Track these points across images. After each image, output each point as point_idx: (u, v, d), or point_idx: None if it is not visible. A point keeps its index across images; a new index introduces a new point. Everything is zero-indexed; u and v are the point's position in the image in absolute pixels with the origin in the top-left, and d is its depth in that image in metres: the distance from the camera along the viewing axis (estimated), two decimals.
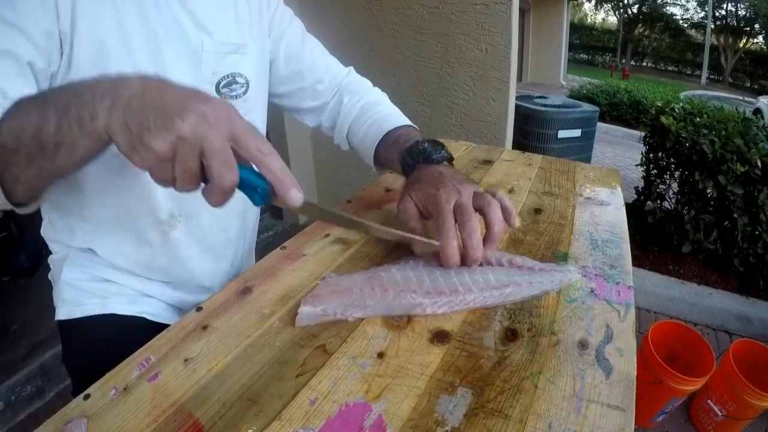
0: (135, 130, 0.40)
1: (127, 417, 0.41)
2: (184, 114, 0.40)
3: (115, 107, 0.41)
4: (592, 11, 33.86)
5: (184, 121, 0.40)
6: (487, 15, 1.95)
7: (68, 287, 0.75)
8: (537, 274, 0.60)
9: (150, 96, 0.41)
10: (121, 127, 0.41)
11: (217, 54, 0.72)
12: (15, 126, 0.44)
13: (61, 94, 0.45)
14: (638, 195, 2.90)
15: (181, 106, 0.41)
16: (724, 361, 1.58)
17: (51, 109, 0.43)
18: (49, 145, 0.44)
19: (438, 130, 2.27)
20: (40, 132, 0.43)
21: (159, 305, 0.80)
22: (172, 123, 0.40)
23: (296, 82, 0.90)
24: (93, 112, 0.42)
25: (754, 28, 22.60)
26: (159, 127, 0.39)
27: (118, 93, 0.42)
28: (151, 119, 0.40)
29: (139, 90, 0.42)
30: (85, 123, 0.42)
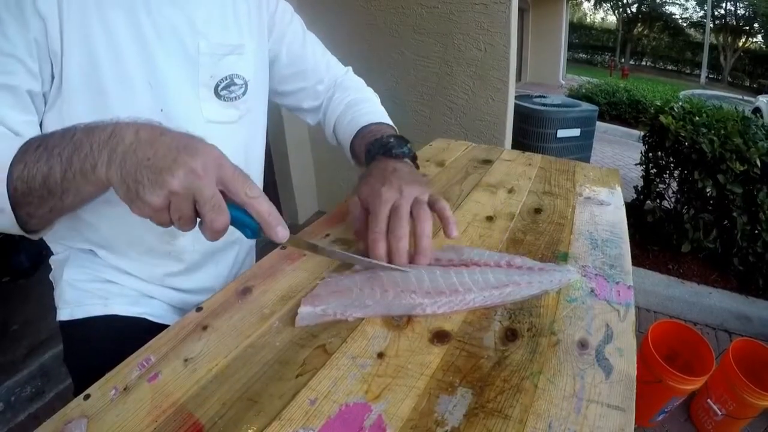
0: (132, 186, 0.44)
1: (127, 417, 0.41)
2: (174, 170, 0.44)
3: (112, 162, 0.46)
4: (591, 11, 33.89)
5: (174, 177, 0.44)
6: (486, 15, 1.95)
7: (70, 288, 0.75)
8: (537, 274, 0.60)
9: (142, 151, 0.45)
10: (119, 181, 0.45)
11: (214, 56, 0.71)
12: (25, 175, 0.48)
13: (63, 144, 0.48)
14: (637, 194, 2.90)
15: (172, 162, 0.44)
16: (724, 360, 1.58)
17: (56, 160, 0.48)
18: (58, 191, 0.49)
19: (437, 130, 2.27)
20: (47, 180, 0.48)
21: (160, 306, 0.80)
22: (163, 180, 0.44)
23: (298, 81, 0.90)
24: (93, 164, 0.46)
25: (753, 27, 22.62)
26: (153, 183, 0.44)
27: (114, 147, 0.46)
28: (145, 176, 0.44)
29: (133, 144, 0.46)
30: (87, 174, 0.47)
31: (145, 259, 0.76)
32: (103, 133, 0.47)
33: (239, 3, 0.75)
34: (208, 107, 0.71)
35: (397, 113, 2.39)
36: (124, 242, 0.74)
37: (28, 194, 0.49)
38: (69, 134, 0.49)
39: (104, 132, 0.47)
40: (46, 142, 0.49)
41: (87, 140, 0.47)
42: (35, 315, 1.98)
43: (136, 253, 0.75)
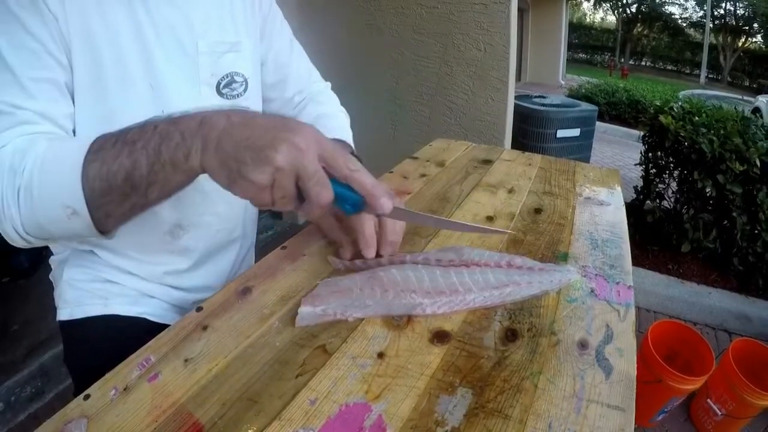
0: (234, 167, 0.44)
1: (127, 417, 0.41)
2: (277, 146, 0.44)
3: (207, 147, 0.46)
4: (590, 11, 33.89)
5: (279, 153, 0.44)
6: (486, 15, 1.95)
7: (69, 288, 0.75)
8: (537, 274, 0.60)
9: (239, 133, 0.45)
10: (218, 165, 0.45)
11: (213, 55, 0.71)
12: (104, 172, 0.48)
13: (146, 137, 0.48)
14: (637, 194, 2.90)
15: (272, 138, 0.44)
16: (724, 360, 1.58)
17: (141, 153, 0.47)
18: (142, 185, 0.48)
19: (437, 130, 2.27)
20: (132, 174, 0.47)
21: (160, 306, 0.80)
22: (267, 156, 0.43)
23: (279, 91, 0.90)
24: (186, 153, 0.46)
25: (752, 27, 22.62)
26: (256, 161, 0.44)
27: (207, 133, 0.46)
28: (247, 155, 0.44)
29: (227, 128, 0.46)
30: (179, 163, 0.47)
31: (145, 258, 0.76)
32: (191, 122, 0.47)
33: (236, 1, 0.75)
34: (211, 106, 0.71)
35: (396, 113, 2.41)
36: (125, 241, 0.73)
37: (108, 193, 0.48)
38: (149, 127, 0.48)
39: (192, 120, 0.47)
40: (123, 137, 0.49)
41: (175, 130, 0.47)
42: (35, 315, 1.98)
43: (137, 252, 0.75)
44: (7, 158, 0.50)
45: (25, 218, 0.51)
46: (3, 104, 0.53)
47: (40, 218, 0.51)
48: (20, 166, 0.50)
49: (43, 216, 0.51)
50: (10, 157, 0.50)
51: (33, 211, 0.50)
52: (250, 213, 0.90)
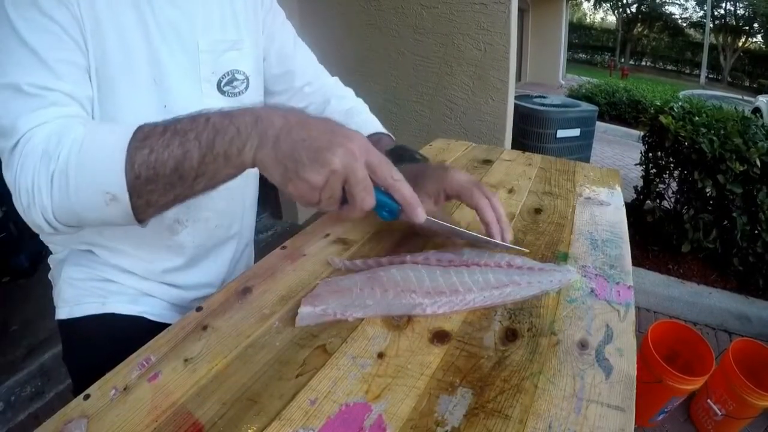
0: (290, 166, 0.46)
1: (127, 417, 0.41)
2: (334, 149, 0.46)
3: (263, 144, 0.47)
4: (591, 11, 33.90)
5: (335, 156, 0.46)
6: (486, 15, 1.95)
7: (68, 287, 0.75)
8: (537, 274, 0.60)
9: (297, 133, 0.47)
10: (273, 162, 0.47)
11: (214, 53, 0.71)
12: (152, 160, 0.47)
13: (198, 129, 0.48)
14: (637, 194, 2.90)
15: (329, 142, 0.47)
16: (724, 360, 1.58)
17: (194, 144, 0.47)
18: (191, 176, 0.49)
19: (437, 130, 2.27)
20: (181, 165, 0.48)
21: (159, 304, 0.80)
22: (324, 158, 0.46)
23: (287, 82, 0.90)
24: (240, 147, 0.48)
25: (752, 27, 22.61)
26: (313, 162, 0.46)
27: (264, 131, 0.48)
28: (304, 155, 0.46)
29: (284, 127, 0.48)
30: (232, 157, 0.48)
31: (143, 255, 0.76)
32: (247, 118, 0.48)
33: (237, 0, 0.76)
34: (212, 103, 0.72)
35: (397, 113, 2.41)
36: (123, 238, 0.74)
37: (154, 181, 0.48)
38: (201, 119, 0.49)
39: (248, 116, 0.49)
40: (172, 127, 0.49)
41: (230, 124, 0.48)
42: (35, 315, 1.98)
43: (135, 249, 0.75)
44: (41, 143, 0.49)
45: (58, 205, 0.50)
46: (30, 86, 0.52)
47: (75, 205, 0.50)
48: (56, 150, 0.49)
49: (79, 202, 0.50)
50: (44, 142, 0.49)
51: (68, 197, 0.49)
52: (248, 210, 0.90)
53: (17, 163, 0.50)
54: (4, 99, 0.52)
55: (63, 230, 0.53)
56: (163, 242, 0.75)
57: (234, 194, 0.82)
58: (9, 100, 0.52)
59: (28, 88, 0.52)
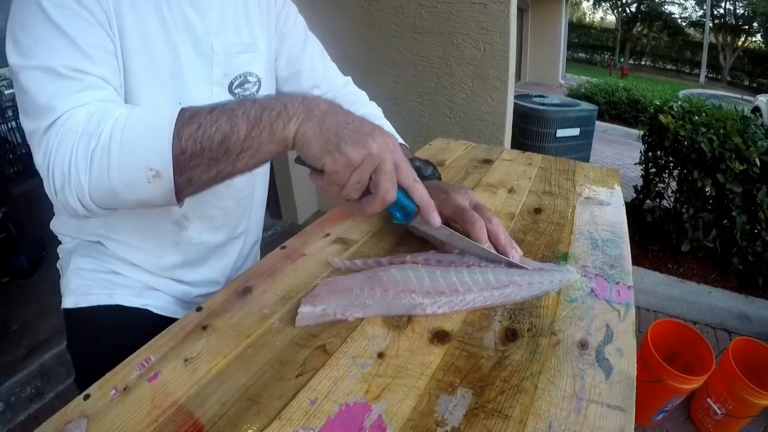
0: (332, 139, 0.49)
1: (127, 417, 0.41)
2: (375, 137, 0.50)
3: (308, 119, 0.50)
4: (590, 10, 33.87)
5: (375, 142, 0.50)
6: (486, 14, 1.95)
7: (76, 277, 0.76)
8: (537, 274, 0.60)
9: (342, 116, 0.51)
10: (317, 134, 0.49)
11: (228, 55, 0.72)
12: (200, 135, 0.49)
13: (246, 106, 0.51)
14: (637, 194, 2.90)
15: (371, 130, 0.51)
16: (724, 359, 1.58)
17: (242, 119, 0.50)
18: (236, 150, 0.50)
19: (437, 130, 2.27)
20: (228, 138, 0.49)
21: (164, 298, 0.81)
22: (366, 141, 0.49)
23: (293, 84, 0.90)
24: (287, 120, 0.50)
25: (752, 27, 22.59)
26: (355, 142, 0.49)
27: (310, 109, 0.51)
28: (347, 134, 0.49)
29: (330, 109, 0.51)
30: (276, 130, 0.50)
31: (151, 249, 0.77)
32: (294, 98, 0.52)
33: (250, 2, 0.76)
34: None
35: (396, 113, 2.41)
36: (131, 231, 0.75)
37: (199, 155, 0.49)
38: (248, 100, 0.52)
39: (295, 98, 0.52)
40: (220, 106, 0.51)
41: (278, 102, 0.51)
42: (35, 315, 1.98)
43: (142, 243, 0.76)
44: (81, 123, 0.50)
45: (95, 183, 0.50)
46: (67, 69, 0.52)
47: (115, 183, 0.50)
48: (97, 129, 0.49)
49: (120, 180, 0.49)
50: (85, 121, 0.50)
51: (108, 176, 0.49)
52: (256, 211, 0.91)
53: (53, 143, 0.50)
54: (39, 79, 0.52)
55: (97, 212, 0.53)
56: (170, 237, 0.76)
57: (241, 194, 0.82)
58: (44, 81, 0.52)
59: (64, 70, 0.52)
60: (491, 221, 0.63)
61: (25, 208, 2.34)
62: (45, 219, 0.81)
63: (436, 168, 0.77)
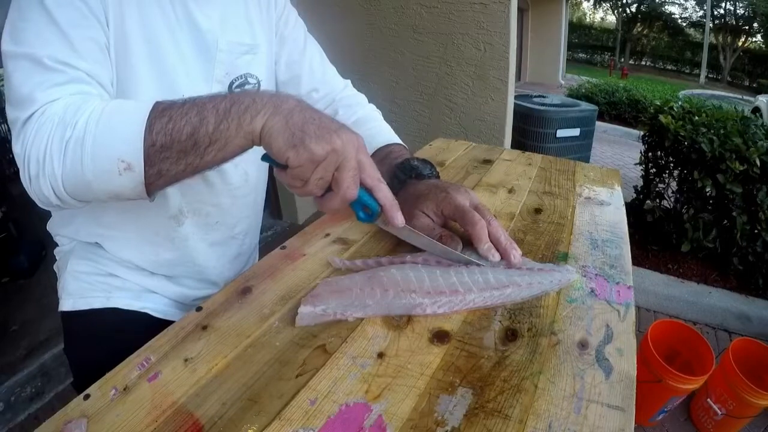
0: (298, 134, 0.49)
1: (127, 417, 0.41)
2: (339, 134, 0.51)
3: (276, 114, 0.50)
4: (590, 10, 33.88)
5: (339, 139, 0.50)
6: (486, 14, 1.95)
7: (73, 279, 0.76)
8: (537, 274, 0.60)
9: (309, 113, 0.52)
10: (283, 127, 0.50)
11: (231, 54, 0.72)
12: (170, 127, 0.50)
13: (217, 100, 0.51)
14: (637, 194, 2.90)
15: (337, 128, 0.51)
16: (724, 359, 1.58)
17: (211, 112, 0.50)
18: (204, 142, 0.50)
19: (437, 130, 2.27)
20: (197, 131, 0.50)
21: (162, 301, 0.81)
22: (330, 137, 0.50)
23: (293, 87, 0.90)
24: (254, 113, 0.50)
25: (752, 27, 22.59)
26: (319, 138, 0.49)
27: (278, 104, 0.51)
28: (313, 129, 0.50)
29: (298, 106, 0.52)
30: (244, 124, 0.50)
31: (147, 246, 0.77)
32: (264, 94, 0.52)
33: (251, 4, 0.77)
34: None
35: (397, 113, 2.41)
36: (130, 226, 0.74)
37: (169, 148, 0.50)
38: (219, 95, 0.53)
39: (265, 93, 0.53)
40: (192, 100, 0.52)
41: (247, 96, 0.52)
42: (35, 315, 1.98)
43: (139, 239, 0.76)
44: (59, 112, 0.50)
45: (69, 174, 0.50)
46: (52, 60, 0.53)
47: (88, 173, 0.50)
48: (73, 119, 0.50)
49: (92, 170, 0.50)
50: (62, 112, 0.51)
51: (81, 166, 0.49)
52: (255, 213, 0.90)
53: (31, 133, 0.50)
54: (23, 69, 0.53)
55: (70, 203, 0.53)
56: (165, 233, 0.76)
57: (237, 192, 0.81)
58: (29, 71, 0.52)
59: (48, 61, 0.52)
60: (491, 223, 0.63)
61: (25, 208, 2.34)
62: (45, 219, 0.80)
63: (434, 167, 0.77)
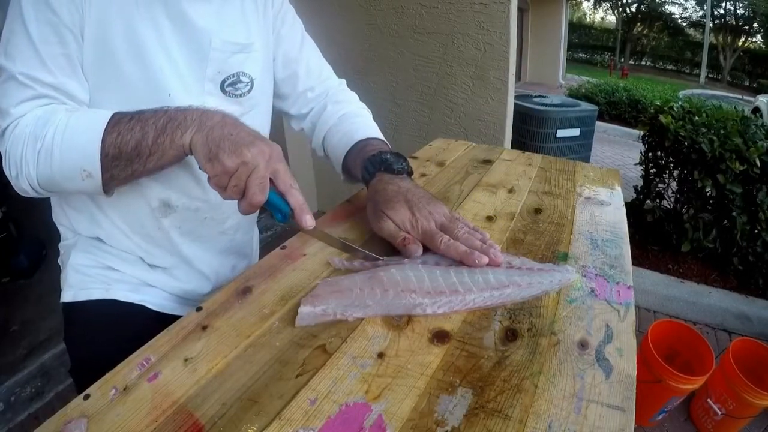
0: (213, 149, 0.57)
1: (127, 417, 0.41)
2: (250, 147, 0.57)
3: (200, 130, 0.58)
4: (590, 10, 33.88)
5: (249, 152, 0.57)
6: (486, 14, 1.95)
7: (75, 272, 0.79)
8: (536, 274, 0.60)
9: (227, 129, 0.58)
10: (202, 143, 0.57)
11: (224, 53, 0.73)
12: (118, 141, 0.59)
13: (157, 116, 0.59)
14: (637, 194, 2.90)
15: (250, 142, 0.58)
16: (724, 359, 1.58)
17: (151, 128, 0.59)
18: (145, 153, 0.60)
19: (437, 130, 2.27)
20: (140, 144, 0.59)
21: (160, 294, 0.82)
22: (240, 151, 0.56)
23: (289, 86, 0.91)
24: (183, 131, 0.58)
25: (752, 27, 22.58)
26: (232, 152, 0.56)
27: (203, 121, 0.59)
28: (227, 145, 0.57)
29: (220, 123, 0.59)
30: (176, 138, 0.59)
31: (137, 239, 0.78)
32: (195, 112, 0.60)
33: (247, 3, 0.77)
34: (212, 101, 0.74)
35: (397, 113, 2.41)
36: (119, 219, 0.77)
37: (118, 158, 0.59)
38: (161, 111, 0.60)
39: (195, 111, 0.60)
40: (138, 116, 0.60)
41: (181, 115, 0.59)
42: (35, 315, 1.98)
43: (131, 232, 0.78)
44: (30, 126, 0.60)
45: (41, 176, 0.61)
46: (23, 76, 0.61)
47: (57, 177, 0.61)
48: (42, 132, 0.60)
49: (60, 175, 0.61)
50: (32, 125, 0.60)
51: (51, 171, 0.61)
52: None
53: (8, 143, 0.61)
54: (3, 83, 0.62)
55: (45, 194, 0.66)
56: (151, 224, 0.77)
57: None
58: (6, 85, 0.62)
59: (21, 77, 0.61)
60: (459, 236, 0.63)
61: (25, 208, 2.34)
62: (45, 219, 0.81)
63: (406, 160, 0.76)
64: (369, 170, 0.75)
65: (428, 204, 0.68)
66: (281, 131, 2.60)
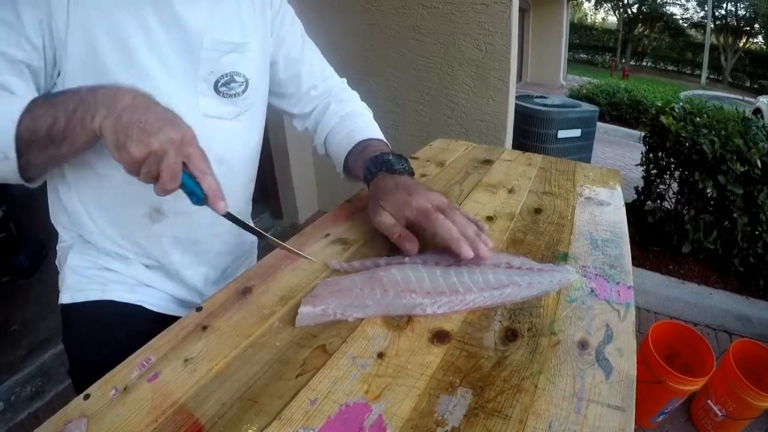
0: (121, 137, 0.54)
1: (127, 417, 0.41)
2: (159, 135, 0.55)
3: (109, 115, 0.55)
4: (591, 11, 33.87)
5: (157, 141, 0.54)
6: (487, 15, 1.95)
7: (72, 273, 0.78)
8: (536, 274, 0.60)
9: (137, 115, 0.55)
10: (111, 130, 0.55)
11: (216, 52, 0.72)
12: (32, 125, 0.57)
13: (69, 99, 0.57)
14: (638, 195, 2.89)
15: (158, 130, 0.55)
16: (724, 361, 1.58)
17: (61, 112, 0.56)
18: (58, 138, 0.57)
19: (438, 130, 2.27)
20: (52, 128, 0.56)
21: (157, 295, 0.82)
22: (148, 140, 0.54)
23: (292, 86, 0.91)
24: (93, 115, 0.55)
25: (753, 28, 22.55)
26: (139, 141, 0.54)
27: (114, 104, 0.55)
28: (135, 133, 0.54)
29: (129, 106, 0.56)
30: (86, 123, 0.56)
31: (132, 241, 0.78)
32: (106, 93, 0.57)
33: (243, 3, 0.77)
34: (206, 102, 0.74)
35: (398, 113, 2.41)
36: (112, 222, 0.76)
37: (32, 142, 0.57)
38: (74, 92, 0.58)
39: (107, 92, 0.57)
40: (52, 99, 0.58)
41: (91, 97, 0.56)
42: (35, 315, 1.98)
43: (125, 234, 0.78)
44: None
45: None
46: None
47: None
48: None
49: None
50: None
51: None
52: (239, 207, 0.90)
53: None
54: None
55: None
56: (142, 229, 0.77)
57: None
58: None
59: None
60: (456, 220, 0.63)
61: (25, 208, 2.34)
62: (45, 219, 0.81)
63: (407, 161, 0.77)
64: (371, 170, 0.75)
65: (427, 190, 0.68)
66: (281, 131, 2.61)
